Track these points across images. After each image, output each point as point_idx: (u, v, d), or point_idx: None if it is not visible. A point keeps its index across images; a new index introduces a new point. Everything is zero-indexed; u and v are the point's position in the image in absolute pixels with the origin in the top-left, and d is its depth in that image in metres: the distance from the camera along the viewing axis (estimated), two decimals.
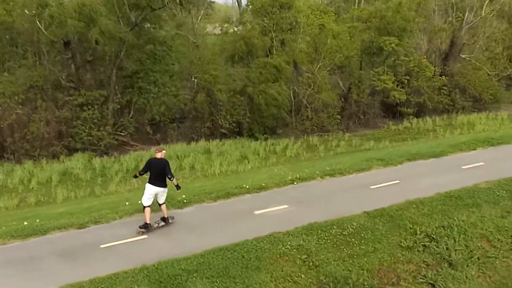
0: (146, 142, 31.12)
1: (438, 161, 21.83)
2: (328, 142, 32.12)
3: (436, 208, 16.11)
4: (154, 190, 13.66)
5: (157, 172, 13.55)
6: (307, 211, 15.76)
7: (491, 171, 19.57)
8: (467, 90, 40.76)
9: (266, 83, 30.17)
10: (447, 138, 31.51)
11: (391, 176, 19.24)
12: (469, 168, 20.34)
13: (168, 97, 29.92)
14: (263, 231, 14.01)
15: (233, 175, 23.87)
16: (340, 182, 18.97)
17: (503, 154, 22.90)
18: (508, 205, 16.56)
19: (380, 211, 15.59)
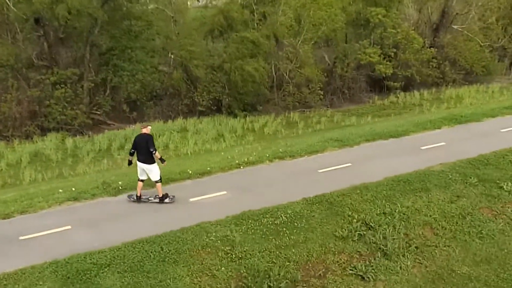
0: (123, 120, 30.29)
1: (398, 142, 20.61)
2: (309, 118, 31.08)
3: (380, 194, 15.08)
4: (141, 166, 13.74)
5: (141, 148, 13.53)
6: (245, 198, 14.85)
7: (450, 152, 18.63)
8: (458, 62, 39.22)
9: (243, 59, 29.00)
10: (432, 112, 30.31)
11: (344, 159, 18.20)
12: (428, 149, 19.25)
13: (143, 74, 28.93)
14: (192, 221, 13.19)
15: (204, 155, 22.92)
16: (288, 165, 17.89)
17: (467, 133, 21.64)
18: (458, 189, 15.50)
19: (321, 197, 14.65)
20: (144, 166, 13.65)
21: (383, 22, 34.61)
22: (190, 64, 29.10)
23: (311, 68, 32.67)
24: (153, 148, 13.38)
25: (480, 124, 23.26)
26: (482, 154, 18.13)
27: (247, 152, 20.10)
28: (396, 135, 21.25)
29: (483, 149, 18.58)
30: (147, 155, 13.49)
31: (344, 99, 35.85)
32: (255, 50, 29.45)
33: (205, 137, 26.61)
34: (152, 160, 13.66)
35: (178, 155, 23.85)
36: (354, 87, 36.09)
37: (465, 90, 37.25)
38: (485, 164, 17.25)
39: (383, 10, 34.79)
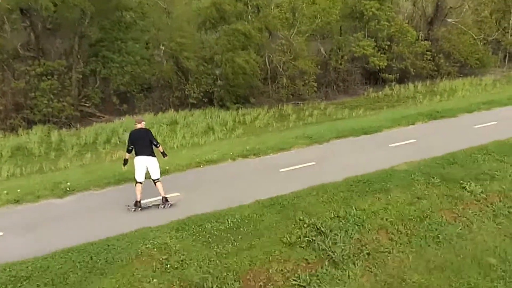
0: (113, 113, 29.20)
1: (368, 139, 19.47)
2: (302, 111, 30.05)
3: (337, 196, 13.90)
4: (144, 161, 12.75)
5: (143, 142, 12.79)
6: (196, 201, 13.68)
7: (419, 149, 17.64)
8: (452, 55, 38.29)
9: (234, 51, 27.90)
10: (421, 105, 29.49)
11: (309, 157, 17.07)
12: (398, 146, 18.20)
13: (133, 66, 27.86)
14: (133, 226, 11.97)
15: (186, 150, 21.79)
16: (250, 164, 16.71)
17: (440, 130, 20.59)
18: (420, 190, 14.41)
19: (274, 199, 13.41)
20: (149, 160, 12.75)
21: (377, 15, 33.62)
22: (180, 56, 28.01)
23: (305, 60, 31.62)
24: (156, 142, 12.85)
25: (455, 119, 22.28)
26: (449, 152, 17.17)
27: (217, 148, 19.26)
28: (369, 131, 20.24)
29: (452, 146, 17.67)
30: (150, 148, 12.81)
31: (339, 91, 34.86)
32: (247, 42, 28.37)
33: (194, 130, 25.57)
34: (154, 153, 12.94)
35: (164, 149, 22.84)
36: (348, 80, 35.09)
37: (459, 83, 36.37)
38: (451, 163, 16.26)
39: (377, 3, 33.80)
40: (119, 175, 15.15)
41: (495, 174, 15.29)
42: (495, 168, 15.64)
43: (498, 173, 15.35)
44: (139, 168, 12.76)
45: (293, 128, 25.56)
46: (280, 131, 24.45)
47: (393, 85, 35.36)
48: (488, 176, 15.16)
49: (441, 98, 32.43)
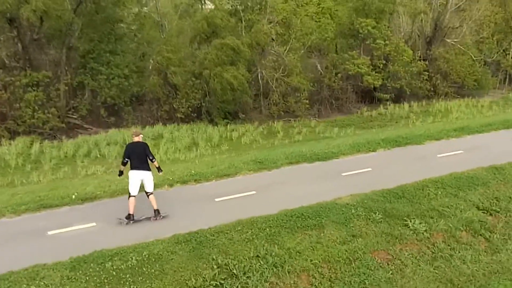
0: (101, 125, 28.40)
1: (322, 166, 17.05)
2: (292, 128, 29.08)
3: (264, 231, 11.91)
4: (139, 175, 12.05)
5: (139, 156, 12.11)
6: (113, 232, 11.79)
7: (372, 180, 15.36)
8: (450, 75, 37.10)
9: (223, 66, 27.00)
10: (417, 126, 28.12)
11: (251, 185, 14.91)
12: (350, 175, 15.90)
13: (119, 79, 27.10)
14: (27, 262, 10.20)
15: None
16: (187, 192, 14.47)
17: (401, 158, 18.12)
18: (358, 227, 12.43)
19: (193, 234, 11.55)
20: (144, 174, 12.07)
21: (373, 33, 32.64)
22: (167, 70, 27.16)
23: (298, 77, 30.71)
24: (152, 156, 12.18)
25: (420, 147, 19.61)
26: (402, 184, 14.95)
27: (176, 169, 17.11)
28: (325, 157, 17.80)
29: (407, 177, 15.43)
30: (146, 162, 12.15)
31: (332, 109, 33.79)
32: (236, 58, 27.46)
33: (179, 145, 24.69)
34: (150, 167, 12.26)
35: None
36: (342, 98, 34.00)
37: (454, 104, 35.14)
38: (399, 197, 14.15)
39: (373, 21, 32.90)
40: (68, 197, 13.82)
41: (445, 210, 13.45)
42: (446, 204, 13.79)
43: (448, 209, 13.49)
44: (134, 182, 12.08)
45: (278, 146, 24.50)
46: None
47: (388, 105, 34.24)
48: (437, 212, 13.32)
49: (434, 119, 31.30)
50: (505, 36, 42.67)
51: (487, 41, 41.34)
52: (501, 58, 42.03)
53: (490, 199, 14.34)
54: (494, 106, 35.02)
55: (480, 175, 15.62)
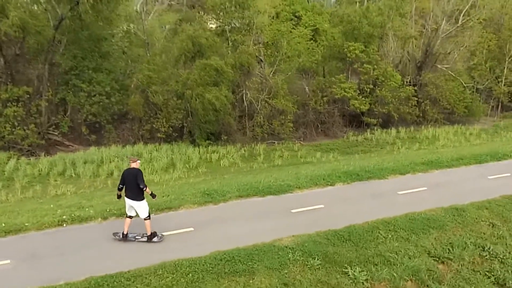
0: (82, 142, 28.33)
1: (272, 200, 15.66)
2: (275, 151, 28.84)
3: (186, 277, 10.66)
4: (128, 202, 11.99)
5: (130, 183, 11.85)
6: (23, 273, 10.63)
7: (321, 219, 14.05)
8: (439, 102, 36.84)
9: (205, 87, 26.86)
10: (402, 153, 27.84)
11: (191, 221, 13.53)
12: (299, 212, 14.60)
13: (101, 97, 27.02)
14: None
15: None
16: (118, 227, 12.72)
17: (358, 194, 16.54)
18: (292, 274, 11.16)
19: (107, 278, 10.34)
20: (132, 203, 11.94)
21: (360, 57, 32.50)
22: (148, 89, 27.03)
23: (283, 99, 30.55)
24: (143, 185, 11.73)
25: (382, 182, 18.10)
26: (350, 225, 13.56)
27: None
28: (280, 190, 16.41)
29: (359, 217, 14.13)
30: (136, 191, 11.82)
31: (318, 133, 33.55)
32: (219, 78, 27.32)
33: (156, 166, 24.47)
34: (141, 197, 11.95)
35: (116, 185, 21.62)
36: (329, 121, 33.72)
37: (442, 131, 34.89)
38: (344, 240, 12.79)
39: (361, 45, 32.76)
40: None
41: (392, 257, 12.17)
42: (395, 249, 12.52)
43: (395, 256, 12.23)
44: (127, 206, 12.11)
45: (255, 170, 24.27)
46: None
47: (375, 130, 33.96)
48: (382, 259, 12.06)
49: (420, 145, 31.05)
50: (498, 63, 42.46)
51: (480, 67, 41.15)
52: (494, 85, 41.79)
53: (444, 244, 13.12)
54: (483, 135, 34.75)
55: (438, 217, 14.44)
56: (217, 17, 31.04)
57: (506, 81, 42.27)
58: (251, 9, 30.97)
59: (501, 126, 38.37)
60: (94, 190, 21.02)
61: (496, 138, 33.82)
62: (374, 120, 33.91)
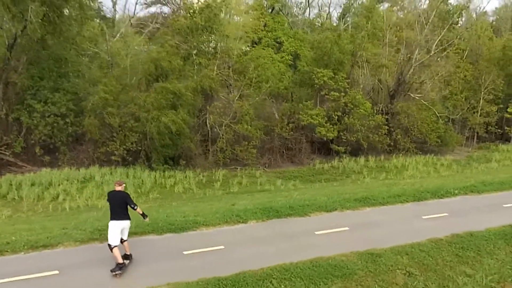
0: (36, 163, 27.46)
1: (169, 239, 13.91)
2: (236, 177, 28.05)
3: None
4: (120, 225, 11.70)
5: (118, 205, 11.76)
6: None
7: (215, 262, 12.36)
8: (412, 131, 36.24)
9: (161, 110, 26.21)
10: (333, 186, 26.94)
11: (51, 264, 11.80)
12: (193, 254, 12.83)
13: (55, 118, 26.32)
14: None
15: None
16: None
17: (268, 234, 14.76)
18: None
19: None
20: (124, 223, 11.79)
21: (328, 84, 31.99)
22: (104, 111, 26.33)
23: (247, 125, 29.89)
24: (133, 204, 11.80)
25: (301, 220, 16.39)
26: (241, 272, 11.79)
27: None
28: (182, 228, 14.70)
29: (258, 262, 12.39)
30: (125, 211, 11.79)
31: (284, 159, 32.80)
32: (177, 102, 26.68)
33: (106, 190, 23.56)
34: (129, 216, 11.94)
35: (55, 209, 20.75)
36: (295, 148, 33.04)
37: (413, 160, 34.17)
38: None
39: (330, 72, 32.27)
40: None
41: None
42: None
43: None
44: (114, 232, 11.61)
45: (209, 198, 23.42)
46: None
47: (344, 157, 33.25)
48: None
49: (387, 175, 30.31)
50: (474, 94, 42.13)
51: (455, 97, 40.79)
52: (469, 116, 41.35)
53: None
54: (454, 166, 34.03)
55: (348, 263, 12.71)
56: (185, 40, 30.48)
57: (482, 112, 41.95)
58: (218, 34, 30.55)
59: (474, 158, 37.72)
60: (32, 214, 20.21)
61: (467, 169, 33.08)
62: (342, 148, 33.23)
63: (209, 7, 30.07)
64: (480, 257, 13.69)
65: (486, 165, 34.85)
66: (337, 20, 53.42)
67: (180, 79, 28.63)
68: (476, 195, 20.81)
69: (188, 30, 29.82)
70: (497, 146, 42.09)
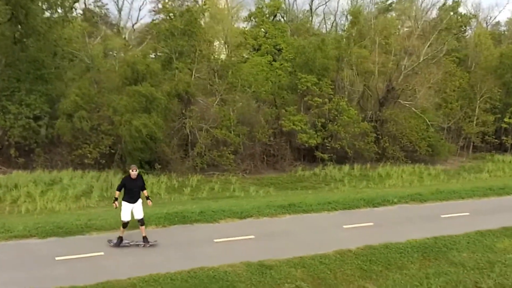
0: (11, 165, 27.13)
1: (56, 243, 13.15)
2: (209, 183, 27.30)
3: None
4: (130, 206, 13.20)
5: (135, 188, 13.30)
6: None
7: (87, 271, 11.58)
8: (401, 139, 35.06)
9: (134, 113, 25.67)
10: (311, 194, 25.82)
11: None
12: (65, 260, 12.09)
13: (27, 120, 26.02)
14: None
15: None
16: None
17: (167, 240, 13.99)
18: None
19: None
20: (136, 205, 13.32)
21: (312, 90, 31.13)
22: (75, 114, 25.90)
23: (226, 130, 29.23)
24: (144, 185, 13.71)
25: (207, 227, 15.51)
26: (110, 281, 11.13)
27: None
28: (67, 232, 13.84)
29: (137, 270, 11.76)
30: (138, 194, 13.41)
31: (265, 166, 31.92)
32: (150, 105, 26.13)
33: (70, 193, 23.07)
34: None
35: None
36: (278, 154, 32.17)
37: (399, 169, 32.95)
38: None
39: (314, 78, 31.42)
40: None
41: None
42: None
43: None
44: (127, 211, 13.10)
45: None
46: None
47: (328, 165, 32.27)
48: None
49: (368, 184, 29.25)
50: (469, 102, 40.75)
51: (450, 106, 39.49)
52: (464, 124, 39.96)
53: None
54: (442, 176, 32.73)
55: (231, 275, 11.81)
56: (165, 44, 30.03)
57: (477, 121, 40.56)
58: (198, 38, 29.97)
59: (466, 168, 36.36)
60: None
61: (453, 179, 31.83)
62: (326, 156, 32.26)
63: (189, 11, 29.56)
64: (387, 272, 12.68)
65: (476, 175, 33.60)
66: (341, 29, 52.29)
67: (159, 83, 28.12)
68: (417, 204, 19.71)
69: (167, 33, 29.33)
70: (493, 156, 40.60)
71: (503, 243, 15.44)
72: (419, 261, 13.52)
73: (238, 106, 31.16)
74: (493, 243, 15.43)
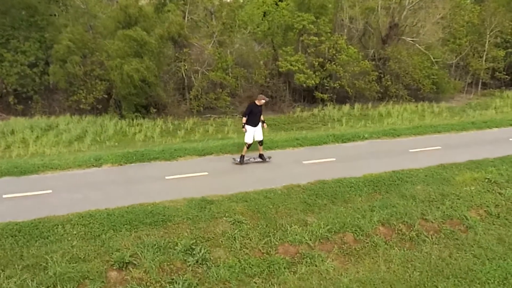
0: (11, 112, 27.45)
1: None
2: (204, 126, 27.12)
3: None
4: (254, 129, 15.07)
5: (258, 115, 15.09)
6: None
7: (35, 206, 11.54)
8: (401, 77, 33.88)
9: (125, 58, 25.28)
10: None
11: None
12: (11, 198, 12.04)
13: (22, 67, 25.93)
14: None
15: None
16: None
17: (110, 180, 13.68)
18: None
19: None
20: (258, 128, 15.20)
21: (308, 29, 30.02)
22: (68, 60, 25.67)
23: (222, 72, 28.69)
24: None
25: (165, 164, 15.28)
26: (37, 218, 10.93)
27: None
28: (25, 171, 13.81)
29: (80, 205, 11.68)
30: (259, 120, 15.22)
31: (264, 107, 31.36)
32: (141, 50, 25.66)
33: (64, 138, 23.22)
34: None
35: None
36: (276, 96, 31.58)
37: (401, 108, 32.06)
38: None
39: (311, 16, 30.21)
40: None
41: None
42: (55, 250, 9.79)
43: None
44: (250, 134, 15.02)
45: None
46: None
47: (328, 105, 31.61)
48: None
49: (366, 122, 28.58)
50: (479, 37, 38.87)
51: (458, 42, 37.74)
52: (473, 61, 38.28)
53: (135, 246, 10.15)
54: (445, 113, 31.72)
55: (169, 210, 11.54)
56: None
57: (487, 57, 38.81)
58: None
59: (472, 105, 35.17)
60: None
61: (456, 116, 30.85)
62: (325, 96, 31.54)
63: None
64: (332, 205, 12.33)
65: (482, 112, 32.49)
66: None
67: (151, 26, 27.51)
68: (389, 139, 19.03)
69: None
70: (502, 93, 39.14)
71: (463, 176, 14.72)
72: (367, 195, 13.14)
73: (236, 47, 30.47)
74: (452, 176, 14.74)
